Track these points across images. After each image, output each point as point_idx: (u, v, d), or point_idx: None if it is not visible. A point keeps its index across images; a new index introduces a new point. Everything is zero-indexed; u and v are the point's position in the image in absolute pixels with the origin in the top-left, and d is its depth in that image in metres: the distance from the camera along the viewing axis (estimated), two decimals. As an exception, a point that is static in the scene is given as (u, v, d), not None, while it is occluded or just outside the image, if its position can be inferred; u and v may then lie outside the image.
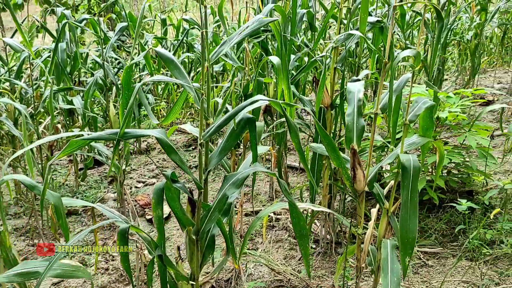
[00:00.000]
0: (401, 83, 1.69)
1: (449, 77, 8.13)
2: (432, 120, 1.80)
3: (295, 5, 2.59)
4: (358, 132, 1.73)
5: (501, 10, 6.75)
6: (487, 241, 2.74)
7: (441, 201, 3.09)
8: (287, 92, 1.67)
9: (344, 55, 2.61)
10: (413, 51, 1.54)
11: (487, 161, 3.03)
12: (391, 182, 1.86)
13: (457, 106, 2.97)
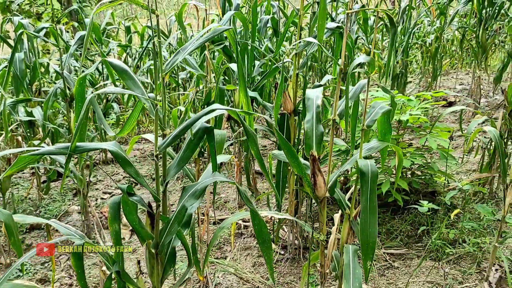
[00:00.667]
0: (358, 89, 1.70)
1: (413, 79, 8.31)
2: (390, 125, 1.82)
3: (255, 12, 2.60)
4: (318, 138, 1.73)
5: (460, 13, 6.98)
6: (450, 240, 2.80)
7: (406, 203, 3.15)
8: (245, 100, 1.66)
9: (305, 61, 2.63)
10: (367, 57, 1.55)
11: (448, 161, 3.10)
12: (354, 187, 1.88)
13: (418, 109, 3.03)
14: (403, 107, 3.23)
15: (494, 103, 6.03)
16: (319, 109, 1.77)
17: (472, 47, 5.59)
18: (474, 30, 5.26)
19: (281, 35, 2.70)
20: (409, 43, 5.46)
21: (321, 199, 1.78)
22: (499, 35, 6.77)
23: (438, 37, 5.57)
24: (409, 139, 4.04)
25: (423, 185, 3.26)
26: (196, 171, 2.68)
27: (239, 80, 1.63)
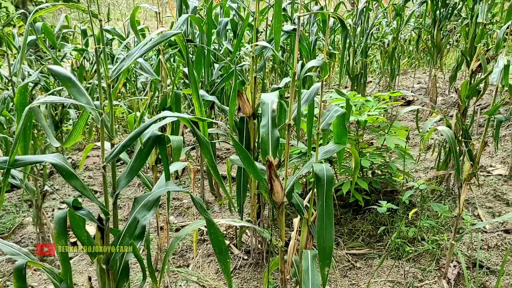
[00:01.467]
0: (312, 92, 1.69)
1: (373, 79, 8.47)
2: (345, 127, 1.82)
3: (210, 15, 2.55)
4: (274, 143, 1.71)
5: (416, 14, 7.15)
6: (410, 239, 2.84)
7: (367, 202, 3.18)
8: (197, 105, 1.61)
9: (263, 64, 2.60)
10: (319, 61, 1.54)
11: (406, 160, 3.15)
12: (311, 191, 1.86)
13: (375, 109, 3.07)
14: (361, 107, 3.27)
15: (450, 101, 6.20)
16: (275, 113, 1.75)
17: (428, 47, 5.73)
18: (429, 31, 5.39)
19: (238, 38, 2.66)
20: (368, 44, 5.55)
21: (279, 204, 1.75)
22: (454, 35, 7.00)
23: (395, 37, 5.67)
24: (369, 138, 4.09)
25: (383, 184, 3.30)
26: (154, 178, 2.60)
27: (191, 84, 1.58)
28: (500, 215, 3.08)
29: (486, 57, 3.02)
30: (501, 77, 1.86)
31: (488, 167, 3.82)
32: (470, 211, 3.14)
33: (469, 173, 2.04)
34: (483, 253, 2.68)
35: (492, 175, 3.68)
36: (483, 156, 4.09)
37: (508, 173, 3.60)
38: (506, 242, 2.74)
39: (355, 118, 2.99)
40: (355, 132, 3.31)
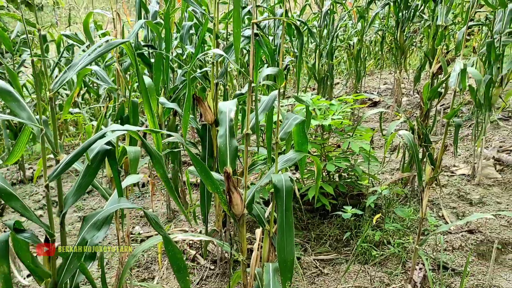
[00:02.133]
0: (270, 100, 1.64)
1: (341, 80, 8.53)
2: (305, 135, 1.78)
3: (167, 20, 2.47)
4: (232, 154, 1.65)
5: (380, 16, 7.24)
6: (376, 242, 2.83)
7: (334, 206, 3.16)
8: (150, 116, 1.54)
9: (224, 71, 2.55)
10: (274, 69, 1.49)
11: (372, 162, 3.16)
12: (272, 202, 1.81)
13: (339, 113, 3.05)
14: (326, 111, 3.25)
15: (415, 101, 6.30)
16: (232, 122, 1.69)
17: (392, 48, 5.80)
18: (392, 32, 5.45)
19: (198, 44, 2.60)
20: (333, 46, 5.57)
21: (238, 216, 1.70)
22: (417, 36, 7.11)
23: (360, 39, 5.72)
24: (336, 141, 4.09)
25: (349, 187, 3.30)
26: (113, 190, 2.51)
27: (142, 93, 1.51)
28: (464, 215, 3.11)
29: (446, 59, 3.06)
30: (459, 80, 1.87)
31: (451, 167, 3.88)
32: (434, 212, 3.17)
33: (431, 177, 2.04)
34: (448, 255, 2.69)
35: (455, 175, 3.74)
36: (447, 156, 4.16)
37: (471, 173, 3.65)
38: (470, 243, 2.77)
39: (319, 122, 2.97)
40: (320, 136, 3.29)
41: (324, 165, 3.00)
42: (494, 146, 4.11)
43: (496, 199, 3.26)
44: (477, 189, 3.44)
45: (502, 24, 3.27)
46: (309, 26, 6.51)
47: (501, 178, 3.57)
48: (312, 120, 3.01)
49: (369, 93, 7.03)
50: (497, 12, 3.36)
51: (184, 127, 1.79)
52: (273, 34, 5.04)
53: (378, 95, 7.24)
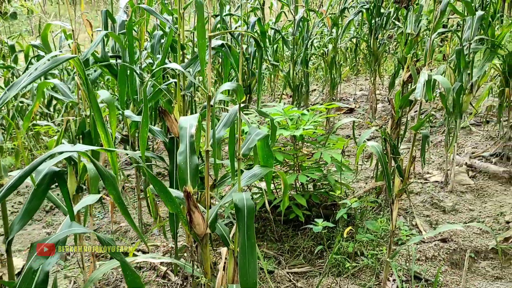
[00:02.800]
0: (231, 115, 1.58)
1: (318, 87, 8.55)
2: (270, 150, 1.73)
3: (130, 31, 2.40)
4: (192, 172, 1.58)
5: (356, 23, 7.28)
6: (350, 254, 2.79)
7: (308, 217, 3.12)
8: (104, 135, 1.46)
9: (191, 83, 2.48)
10: (233, 84, 1.44)
11: (345, 172, 3.13)
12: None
13: (311, 123, 3.02)
14: (298, 121, 3.21)
15: (389, 108, 6.32)
16: (193, 138, 1.62)
17: (365, 55, 5.82)
18: (365, 40, 5.47)
19: (162, 55, 2.53)
20: (307, 54, 5.56)
21: (201, 236, 1.63)
22: (391, 43, 7.17)
23: (334, 47, 5.72)
24: (310, 150, 4.06)
25: (323, 198, 3.26)
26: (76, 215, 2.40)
27: (94, 110, 1.43)
28: (438, 224, 3.10)
29: (416, 67, 3.06)
30: (424, 92, 1.84)
31: (425, 174, 3.88)
32: (408, 221, 3.15)
33: (400, 188, 2.00)
34: (422, 265, 2.67)
35: (429, 182, 3.74)
36: (418, 162, 4.15)
37: (444, 180, 3.66)
38: (443, 252, 2.75)
39: (291, 133, 2.93)
40: (293, 146, 3.25)
41: (296, 176, 2.96)
42: (467, 152, 4.14)
43: (469, 206, 3.26)
44: (450, 196, 3.44)
45: (471, 32, 3.29)
46: (284, 34, 6.51)
47: (474, 185, 3.59)
48: (283, 130, 2.97)
49: (342, 102, 7.03)
50: (466, 19, 3.39)
51: (141, 144, 1.71)
52: (247, 43, 5.01)
53: (354, 101, 7.27)
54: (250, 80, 5.05)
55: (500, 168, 3.65)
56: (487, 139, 4.38)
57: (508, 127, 3.83)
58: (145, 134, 1.69)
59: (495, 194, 3.40)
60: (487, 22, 3.54)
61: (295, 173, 3.13)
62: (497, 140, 4.10)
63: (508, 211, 3.07)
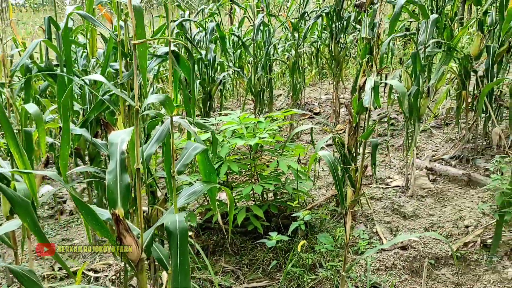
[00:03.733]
0: (164, 130, 1.46)
1: (284, 92, 8.49)
2: (211, 164, 1.61)
3: (67, 41, 2.24)
4: (123, 192, 1.44)
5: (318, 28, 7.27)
6: (310, 265, 2.70)
7: (267, 229, 3.02)
8: (17, 156, 1.31)
9: (134, 94, 2.34)
10: (160, 96, 1.32)
11: (304, 180, 3.05)
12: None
13: (266, 131, 2.92)
14: (255, 129, 3.11)
15: (353, 111, 6.31)
16: (125, 155, 1.49)
17: (327, 60, 5.79)
18: (326, 44, 5.44)
19: (104, 63, 2.38)
20: (269, 59, 5.48)
21: (136, 262, 1.49)
22: (353, 47, 7.18)
23: (295, 51, 5.67)
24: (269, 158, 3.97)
25: (283, 207, 3.16)
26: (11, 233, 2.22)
27: (3, 126, 1.28)
28: (398, 230, 3.05)
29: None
30: (372, 99, 1.77)
31: (386, 179, 3.84)
32: (368, 228, 3.09)
33: (352, 200, 1.92)
34: (381, 275, 2.60)
35: (390, 187, 3.70)
36: (382, 167, 4.13)
37: (405, 184, 3.63)
38: (403, 260, 2.69)
39: (246, 141, 2.82)
40: (249, 155, 3.14)
41: (252, 187, 2.85)
42: (427, 156, 4.13)
43: (429, 211, 3.23)
44: (411, 201, 3.41)
45: (426, 35, 3.27)
46: (246, 39, 6.43)
47: (434, 188, 3.57)
48: (238, 139, 2.86)
49: (307, 106, 6.98)
50: (421, 23, 3.37)
51: (61, 164, 1.56)
52: (206, 48, 4.89)
53: (319, 105, 7.25)
54: (210, 87, 4.94)
55: (460, 170, 3.65)
56: (448, 142, 4.39)
57: (467, 129, 3.85)
58: (66, 152, 1.54)
59: (454, 197, 3.39)
60: (442, 25, 3.54)
61: (253, 183, 3.03)
62: (456, 143, 4.11)
63: (467, 215, 3.05)
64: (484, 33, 3.58)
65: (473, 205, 3.20)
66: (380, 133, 5.02)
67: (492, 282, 2.52)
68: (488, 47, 3.51)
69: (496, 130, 3.59)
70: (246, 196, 2.98)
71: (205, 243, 3.19)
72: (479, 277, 2.58)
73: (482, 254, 2.72)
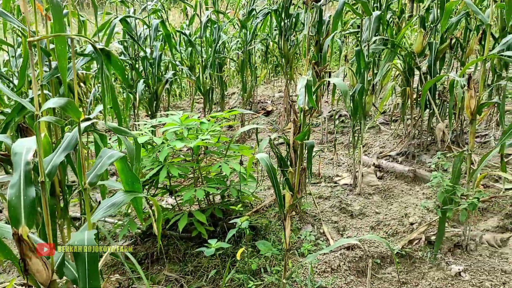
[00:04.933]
0: (73, 137, 1.31)
1: (239, 90, 8.38)
2: (133, 172, 1.48)
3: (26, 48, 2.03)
4: (28, 208, 1.29)
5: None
6: (255, 271, 2.61)
7: (213, 233, 2.91)
8: None
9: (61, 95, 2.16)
10: (60, 100, 1.17)
11: (247, 183, 2.96)
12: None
13: (209, 132, 2.80)
14: (197, 130, 2.99)
15: (305, 109, 6.29)
16: (30, 166, 1.33)
17: (276, 57, 5.73)
18: (275, 41, 5.37)
19: (21, 67, 2.18)
20: (217, 57, 5.35)
21: (46, 285, 1.34)
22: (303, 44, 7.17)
23: (244, 49, 5.57)
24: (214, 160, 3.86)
25: (228, 211, 3.06)
26: None
27: None
28: (345, 229, 3.02)
29: (315, 70, 2.95)
30: (306, 99, 1.70)
31: (335, 177, 3.82)
32: (315, 229, 3.04)
33: (290, 204, 1.84)
34: (327, 277, 2.55)
35: (339, 185, 3.67)
36: (330, 165, 4.10)
37: (353, 182, 3.61)
38: (349, 261, 2.65)
39: (186, 144, 2.69)
40: (191, 157, 3.02)
41: (194, 191, 2.73)
42: (375, 152, 4.14)
43: (376, 209, 3.22)
44: (358, 199, 3.39)
45: (369, 32, 3.25)
46: (194, 38, 6.26)
47: (381, 185, 3.57)
48: (178, 142, 2.73)
49: (261, 104, 6.87)
50: (364, 20, 3.35)
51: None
52: (151, 47, 4.70)
53: (272, 103, 7.19)
54: (157, 86, 4.76)
55: (406, 167, 3.67)
56: (395, 138, 4.43)
57: (412, 126, 3.88)
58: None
59: (400, 194, 3.40)
60: (386, 22, 3.53)
61: (198, 186, 2.90)
62: (403, 139, 4.15)
63: (412, 212, 3.06)
64: (426, 30, 3.61)
65: (418, 202, 3.21)
66: (331, 130, 5.01)
67: (436, 279, 2.52)
68: (430, 44, 3.54)
69: (440, 126, 3.64)
70: (189, 201, 2.86)
71: (149, 250, 3.03)
72: (424, 275, 2.57)
73: (427, 251, 2.72)
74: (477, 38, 3.66)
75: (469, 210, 2.43)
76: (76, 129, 1.32)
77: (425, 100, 3.59)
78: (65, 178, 2.20)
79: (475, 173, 2.43)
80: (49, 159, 1.30)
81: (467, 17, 3.69)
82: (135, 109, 4.76)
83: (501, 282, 2.44)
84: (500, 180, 3.32)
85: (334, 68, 7.16)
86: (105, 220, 3.53)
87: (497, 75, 3.71)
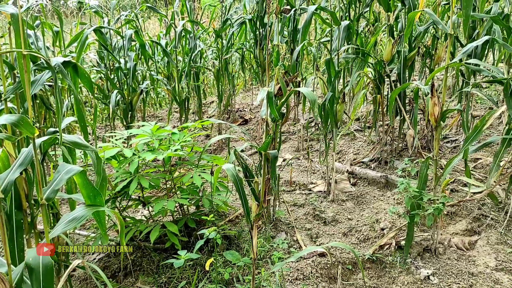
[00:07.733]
0: (28, 155, 1.31)
1: (217, 99, 8.38)
2: (93, 186, 1.48)
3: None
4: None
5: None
6: (227, 281, 2.61)
7: (187, 244, 2.91)
8: None
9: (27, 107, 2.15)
10: (12, 117, 1.17)
11: (221, 192, 2.97)
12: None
13: (180, 143, 2.81)
14: (169, 141, 2.99)
15: (282, 117, 6.33)
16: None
17: (252, 66, 5.77)
18: (250, 50, 5.41)
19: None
20: (192, 66, 5.37)
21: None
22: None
23: (220, 58, 5.60)
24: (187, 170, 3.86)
25: (202, 221, 3.06)
26: None
27: None
28: (318, 237, 3.05)
29: (285, 79, 2.98)
30: (268, 111, 1.72)
31: (309, 184, 3.85)
32: (289, 236, 3.06)
33: (257, 213, 1.86)
34: (298, 284, 2.57)
35: (313, 193, 3.71)
36: (305, 173, 4.13)
37: (327, 189, 3.65)
38: (321, 267, 2.67)
39: (156, 155, 2.69)
40: (161, 169, 3.02)
41: (165, 201, 2.72)
42: (349, 159, 4.20)
43: (348, 215, 3.26)
44: (332, 206, 3.43)
45: (338, 41, 3.31)
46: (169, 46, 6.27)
47: (355, 192, 3.62)
48: (148, 153, 2.73)
49: (239, 113, 6.88)
50: (334, 29, 3.41)
51: None
52: (125, 57, 4.69)
53: (250, 112, 7.22)
54: (132, 97, 4.75)
55: (378, 173, 3.73)
56: (369, 144, 4.49)
57: (383, 132, 3.94)
58: None
59: (372, 200, 3.45)
60: (355, 31, 3.60)
61: (171, 197, 2.90)
62: (375, 145, 4.21)
63: (382, 218, 3.11)
64: (395, 39, 3.69)
65: (389, 207, 3.27)
66: (306, 138, 5.06)
67: (406, 283, 2.56)
68: (399, 52, 3.62)
69: (411, 132, 3.71)
70: (161, 212, 2.86)
71: (123, 262, 3.01)
72: (394, 279, 2.61)
73: (397, 256, 2.76)
74: (445, 46, 3.76)
75: (435, 214, 2.49)
76: (30, 146, 1.32)
77: (395, 107, 3.66)
78: (31, 192, 2.18)
79: (442, 178, 2.49)
80: (4, 175, 1.29)
81: (434, 25, 3.79)
82: (111, 120, 4.74)
83: (468, 284, 2.49)
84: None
85: (310, 76, 7.23)
86: (79, 234, 3.50)
87: (465, 82, 3.81)
